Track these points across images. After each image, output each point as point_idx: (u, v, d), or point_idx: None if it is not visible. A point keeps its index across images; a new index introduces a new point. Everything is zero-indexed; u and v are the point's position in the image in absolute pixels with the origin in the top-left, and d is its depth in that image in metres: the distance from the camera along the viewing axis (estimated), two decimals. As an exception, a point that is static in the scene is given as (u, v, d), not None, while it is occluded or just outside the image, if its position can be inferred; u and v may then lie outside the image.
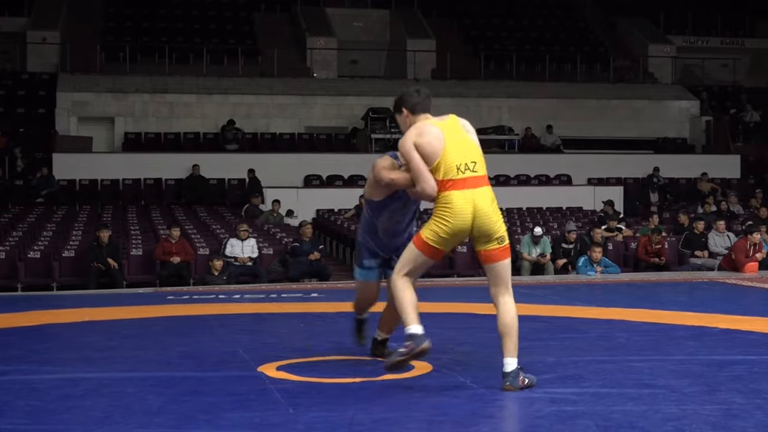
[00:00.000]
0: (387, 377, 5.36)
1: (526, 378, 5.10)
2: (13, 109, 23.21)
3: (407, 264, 5.25)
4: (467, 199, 5.09)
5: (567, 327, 7.72)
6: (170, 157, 21.55)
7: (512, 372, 5.05)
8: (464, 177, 5.11)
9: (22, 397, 4.93)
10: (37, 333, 7.59)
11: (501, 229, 5.17)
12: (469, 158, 5.14)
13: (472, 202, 5.09)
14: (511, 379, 5.04)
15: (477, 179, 5.14)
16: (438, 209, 5.13)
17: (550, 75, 27.02)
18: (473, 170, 5.14)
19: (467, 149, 5.18)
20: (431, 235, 5.14)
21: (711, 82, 29.10)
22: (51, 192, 19.99)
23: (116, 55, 25.19)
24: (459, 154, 5.13)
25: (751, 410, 4.54)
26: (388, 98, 25.85)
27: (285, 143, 23.75)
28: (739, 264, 13.92)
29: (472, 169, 5.13)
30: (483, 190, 5.15)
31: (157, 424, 4.38)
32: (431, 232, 5.14)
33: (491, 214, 5.13)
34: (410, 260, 5.25)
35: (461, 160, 5.11)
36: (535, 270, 14.75)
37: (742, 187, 23.10)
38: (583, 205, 21.04)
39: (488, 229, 5.12)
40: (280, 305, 9.72)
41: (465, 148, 5.17)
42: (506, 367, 5.07)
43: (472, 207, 5.09)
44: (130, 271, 14.31)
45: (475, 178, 5.14)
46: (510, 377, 5.04)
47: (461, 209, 5.08)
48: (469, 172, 5.12)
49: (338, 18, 28.47)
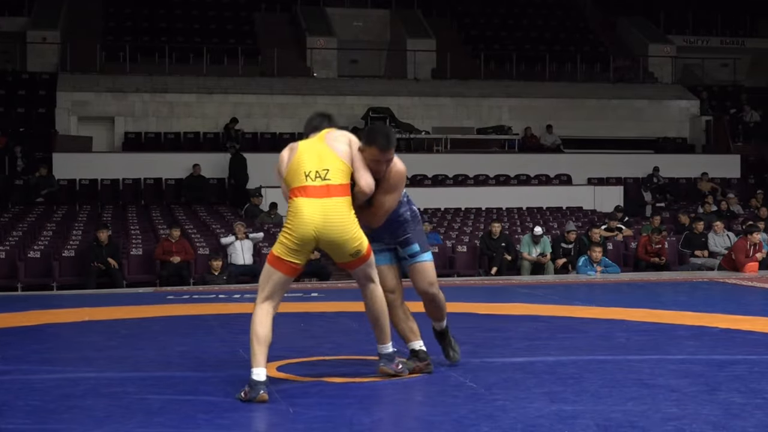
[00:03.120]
0: (387, 377, 5.36)
1: (401, 363, 5.31)
2: (13, 108, 23.20)
3: (263, 286, 5.09)
4: (314, 207, 4.99)
5: (567, 327, 7.71)
6: (170, 157, 21.54)
7: (386, 354, 5.28)
8: (314, 185, 5.03)
9: (22, 397, 4.93)
10: (37, 333, 7.59)
11: (354, 243, 5.04)
12: (321, 167, 5.06)
13: (320, 211, 4.99)
14: (385, 361, 5.28)
15: (329, 188, 5.03)
16: (286, 218, 5.10)
17: (550, 75, 27.01)
18: (325, 178, 5.04)
19: (322, 158, 5.11)
20: (279, 247, 5.05)
21: (711, 82, 29.09)
22: (51, 192, 19.98)
23: (116, 54, 25.19)
24: (310, 163, 5.09)
25: (751, 410, 4.53)
26: (388, 98, 26.12)
27: (285, 143, 23.56)
28: (739, 264, 13.92)
29: (323, 177, 5.04)
30: (335, 200, 5.02)
31: (157, 424, 4.37)
32: (279, 244, 5.06)
33: (338, 225, 4.99)
34: (265, 281, 5.09)
35: (311, 168, 5.06)
36: (535, 270, 14.75)
37: (742, 187, 23.10)
38: (583, 205, 21.05)
39: (334, 241, 5.02)
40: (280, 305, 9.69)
41: (319, 158, 5.11)
42: (381, 350, 5.31)
43: (318, 216, 4.98)
44: (130, 270, 14.32)
45: (326, 187, 5.03)
46: (384, 359, 5.29)
47: (305, 217, 4.98)
48: (320, 180, 5.03)
49: (338, 18, 28.46)
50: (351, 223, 5.04)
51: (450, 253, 15.55)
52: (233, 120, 23.03)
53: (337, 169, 5.08)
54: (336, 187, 5.04)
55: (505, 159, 23.26)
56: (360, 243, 5.07)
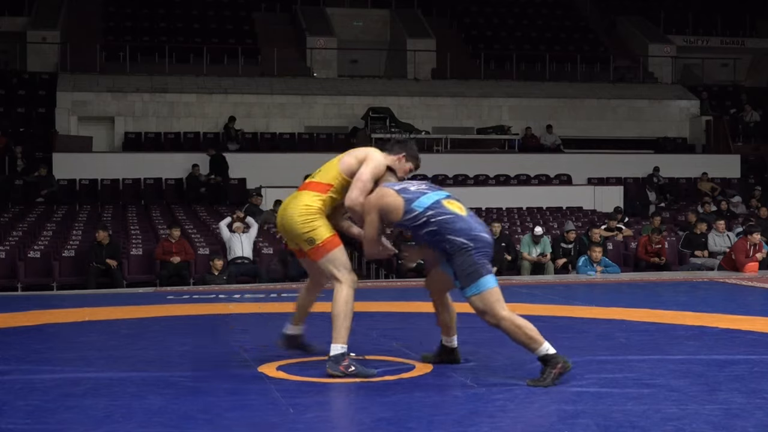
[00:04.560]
0: (387, 377, 5.36)
1: (353, 366, 5.29)
2: (13, 108, 23.21)
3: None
4: (288, 197, 5.67)
5: (567, 327, 7.71)
6: (170, 157, 21.54)
7: (333, 357, 5.30)
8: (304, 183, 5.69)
9: (22, 397, 4.93)
10: (37, 333, 7.58)
11: (304, 228, 5.45)
12: (320, 168, 5.66)
13: (287, 200, 5.64)
14: (331, 363, 5.30)
15: (308, 183, 5.62)
16: None
17: (550, 75, 27.02)
18: (312, 176, 5.65)
19: (328, 164, 5.66)
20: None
21: (711, 82, 29.11)
22: (51, 192, 19.98)
23: (116, 54, 25.21)
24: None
25: (751, 410, 4.54)
26: (388, 98, 26.09)
27: (285, 143, 23.75)
28: (739, 264, 13.92)
29: (312, 175, 5.65)
30: (304, 192, 5.56)
31: (157, 423, 4.37)
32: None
33: (291, 213, 5.50)
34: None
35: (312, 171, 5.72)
36: (535, 270, 14.74)
37: (743, 187, 23.11)
38: (583, 205, 21.05)
39: (288, 228, 5.54)
40: (280, 305, 9.70)
41: (328, 163, 5.67)
42: (330, 351, 5.34)
43: (284, 204, 5.64)
44: (130, 270, 14.31)
45: (307, 183, 5.63)
46: (330, 361, 5.31)
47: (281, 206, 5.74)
48: (309, 179, 5.65)
49: (338, 18, 28.48)
50: (306, 213, 5.45)
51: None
52: (231, 119, 23.04)
53: (326, 171, 5.58)
54: (314, 184, 5.57)
55: (505, 159, 23.26)
56: (313, 231, 5.44)
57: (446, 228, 5.29)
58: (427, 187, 5.49)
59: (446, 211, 5.32)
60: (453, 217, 5.30)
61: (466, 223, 5.32)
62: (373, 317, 8.43)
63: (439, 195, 5.40)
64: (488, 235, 5.44)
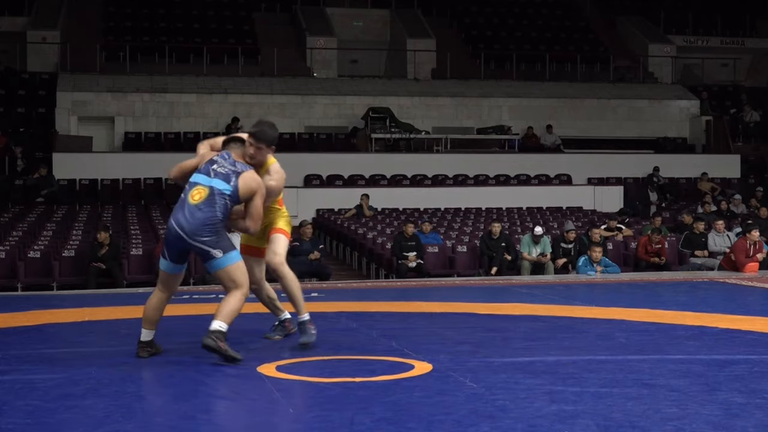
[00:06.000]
0: (387, 377, 5.36)
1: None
2: (13, 108, 23.21)
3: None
4: None
5: (567, 327, 7.71)
6: (170, 157, 21.42)
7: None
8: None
9: (22, 396, 4.93)
10: (37, 333, 7.58)
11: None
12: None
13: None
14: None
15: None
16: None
17: (550, 75, 27.03)
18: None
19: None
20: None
21: (711, 82, 29.11)
22: (51, 192, 19.98)
23: (116, 54, 25.21)
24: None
25: (751, 410, 4.53)
26: (388, 98, 26.09)
27: (285, 143, 23.72)
28: (739, 264, 13.91)
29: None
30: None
31: (157, 423, 4.37)
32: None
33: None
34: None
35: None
36: (535, 270, 14.74)
37: (742, 187, 23.11)
38: (583, 204, 21.06)
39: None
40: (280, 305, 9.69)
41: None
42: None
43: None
44: (130, 270, 14.31)
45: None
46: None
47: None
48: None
49: (338, 18, 28.49)
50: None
51: (450, 253, 15.55)
52: (234, 120, 23.02)
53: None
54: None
55: (505, 159, 23.27)
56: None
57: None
58: (212, 168, 5.99)
59: (184, 192, 6.07)
60: (179, 200, 6.10)
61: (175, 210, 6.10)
62: (373, 317, 8.43)
63: (197, 179, 6.02)
64: (174, 223, 6.19)
